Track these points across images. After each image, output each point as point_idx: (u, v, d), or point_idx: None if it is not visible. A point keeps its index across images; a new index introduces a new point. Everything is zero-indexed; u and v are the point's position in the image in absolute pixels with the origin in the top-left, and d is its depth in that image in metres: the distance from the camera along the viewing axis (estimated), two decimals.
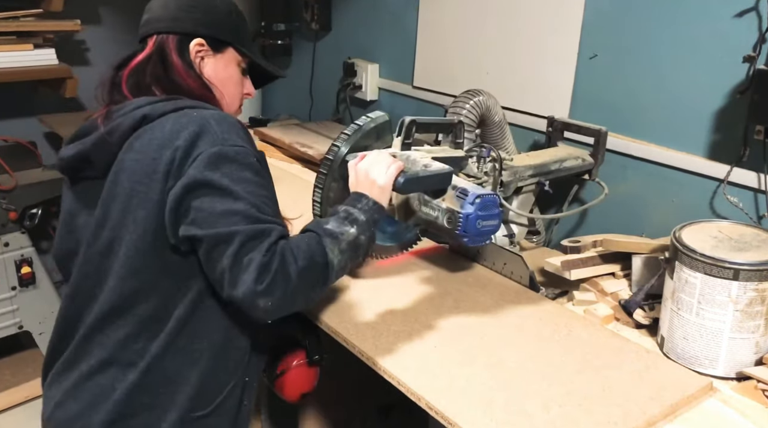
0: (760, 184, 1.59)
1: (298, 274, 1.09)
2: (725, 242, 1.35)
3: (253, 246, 1.08)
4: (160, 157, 1.14)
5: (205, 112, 1.19)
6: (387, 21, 2.59)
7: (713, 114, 1.67)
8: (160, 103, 1.22)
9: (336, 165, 1.46)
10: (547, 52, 2.02)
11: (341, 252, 1.15)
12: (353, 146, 1.47)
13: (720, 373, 1.32)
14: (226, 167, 1.12)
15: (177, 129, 1.15)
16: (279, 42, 2.98)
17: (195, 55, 1.29)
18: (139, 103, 1.22)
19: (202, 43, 1.29)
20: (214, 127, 1.15)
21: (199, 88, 1.28)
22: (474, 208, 1.28)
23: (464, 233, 1.28)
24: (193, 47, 1.28)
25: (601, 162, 1.86)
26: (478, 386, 1.23)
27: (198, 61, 1.29)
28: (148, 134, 1.18)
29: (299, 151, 2.41)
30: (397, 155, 1.36)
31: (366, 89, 2.67)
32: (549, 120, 1.95)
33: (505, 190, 1.69)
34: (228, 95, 1.34)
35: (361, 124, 1.51)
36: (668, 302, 1.37)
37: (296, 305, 1.14)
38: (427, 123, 1.48)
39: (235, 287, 1.07)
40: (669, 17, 1.72)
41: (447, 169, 1.33)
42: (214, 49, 1.31)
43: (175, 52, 1.27)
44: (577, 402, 1.20)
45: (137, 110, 1.20)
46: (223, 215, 1.10)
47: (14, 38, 2.58)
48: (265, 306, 1.08)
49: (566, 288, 1.62)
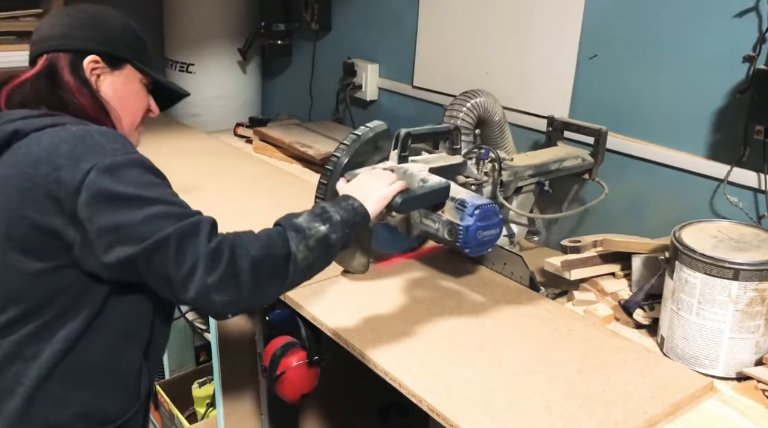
0: (760, 183, 1.59)
1: (252, 264, 1.05)
2: (725, 242, 1.35)
3: (190, 241, 1.03)
4: (37, 173, 1.06)
5: (87, 127, 1.13)
6: (387, 21, 2.59)
7: (713, 114, 1.67)
8: (35, 117, 1.15)
9: (336, 175, 1.46)
10: (547, 52, 2.02)
11: (308, 249, 1.10)
12: (353, 155, 1.47)
13: (720, 373, 1.32)
14: (126, 176, 1.06)
15: (56, 143, 1.09)
16: (279, 42, 2.98)
17: (90, 72, 1.22)
18: (12, 116, 1.16)
19: (96, 59, 1.22)
20: (98, 138, 1.10)
21: (91, 107, 1.21)
22: (474, 219, 1.27)
23: (465, 244, 1.27)
24: (88, 64, 1.22)
25: (601, 161, 1.86)
26: (479, 387, 1.23)
27: (94, 78, 1.23)
28: (22, 149, 1.11)
29: (299, 151, 2.41)
30: (394, 169, 1.35)
31: (366, 89, 2.67)
32: (549, 119, 1.95)
33: (505, 190, 1.69)
34: (129, 113, 1.28)
35: (360, 133, 1.51)
36: (668, 302, 1.37)
37: (254, 298, 1.07)
38: (423, 133, 1.48)
39: (186, 289, 1.02)
40: (669, 17, 1.72)
41: (444, 184, 1.32)
42: (111, 66, 1.24)
43: (68, 69, 1.21)
44: (578, 403, 1.20)
45: (8, 124, 1.13)
46: (145, 223, 1.03)
47: (14, 38, 2.58)
48: (221, 300, 1.03)
49: (566, 288, 1.63)
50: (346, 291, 1.56)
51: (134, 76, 1.28)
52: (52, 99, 1.20)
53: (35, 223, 1.06)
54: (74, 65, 1.21)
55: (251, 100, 3.14)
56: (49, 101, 1.19)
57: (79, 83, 1.21)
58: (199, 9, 2.90)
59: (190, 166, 2.33)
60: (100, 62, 1.23)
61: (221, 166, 2.39)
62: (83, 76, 1.22)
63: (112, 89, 1.25)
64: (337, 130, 2.64)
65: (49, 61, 1.21)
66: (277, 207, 2.04)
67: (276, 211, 2.01)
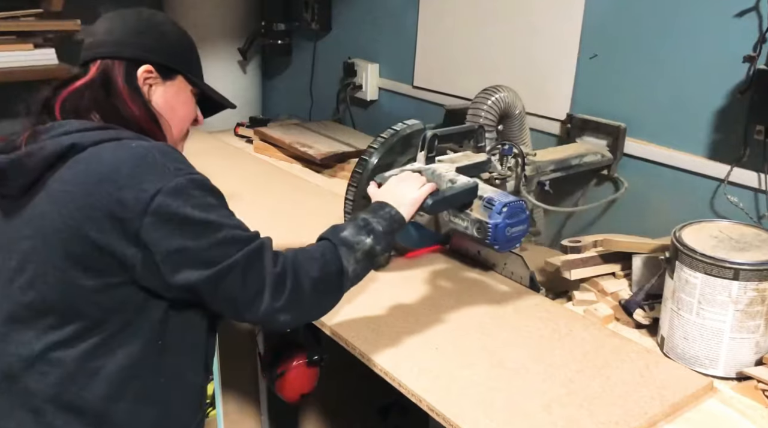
0: (760, 183, 1.59)
1: (313, 285, 1.09)
2: (725, 242, 1.34)
3: (256, 266, 1.06)
4: (98, 191, 1.04)
5: (146, 144, 1.11)
6: (387, 21, 2.59)
7: (713, 114, 1.67)
8: (93, 130, 1.13)
9: (367, 173, 1.50)
10: (547, 52, 2.02)
11: (356, 262, 1.15)
12: (383, 155, 1.54)
13: (720, 373, 1.32)
14: (190, 198, 1.06)
15: (117, 161, 1.07)
16: (279, 42, 2.98)
17: (143, 82, 1.21)
18: (69, 127, 1.13)
19: (150, 69, 1.21)
20: (160, 159, 1.08)
21: (143, 116, 1.20)
22: (502, 216, 1.30)
23: (494, 241, 1.30)
24: (141, 74, 1.20)
25: (619, 158, 1.87)
26: (479, 387, 1.23)
27: (146, 88, 1.22)
28: (82, 165, 1.08)
29: (299, 151, 2.41)
30: (422, 170, 1.37)
31: (366, 89, 2.67)
32: (568, 116, 1.97)
33: (528, 185, 1.71)
34: (178, 123, 1.27)
35: (398, 129, 1.55)
36: (668, 302, 1.37)
37: (313, 315, 1.15)
38: (449, 134, 1.51)
39: (252, 311, 1.07)
40: (669, 17, 1.72)
41: (472, 184, 1.35)
42: (164, 77, 1.23)
43: (122, 77, 1.19)
44: (578, 403, 1.20)
45: (65, 136, 1.11)
46: (213, 248, 1.05)
47: (14, 38, 2.57)
48: (284, 320, 1.08)
49: (566, 288, 1.62)
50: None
51: (185, 87, 1.27)
52: (105, 107, 1.17)
53: (95, 242, 1.05)
54: (129, 74, 1.20)
55: (251, 100, 3.14)
56: (103, 109, 1.17)
57: (133, 92, 1.19)
58: (199, 9, 2.90)
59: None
60: (153, 72, 1.21)
61: (221, 166, 2.39)
62: (136, 84, 1.20)
63: (163, 100, 1.24)
64: (337, 130, 2.64)
65: (104, 67, 1.19)
66: (277, 207, 2.05)
67: (276, 211, 2.02)
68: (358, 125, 2.77)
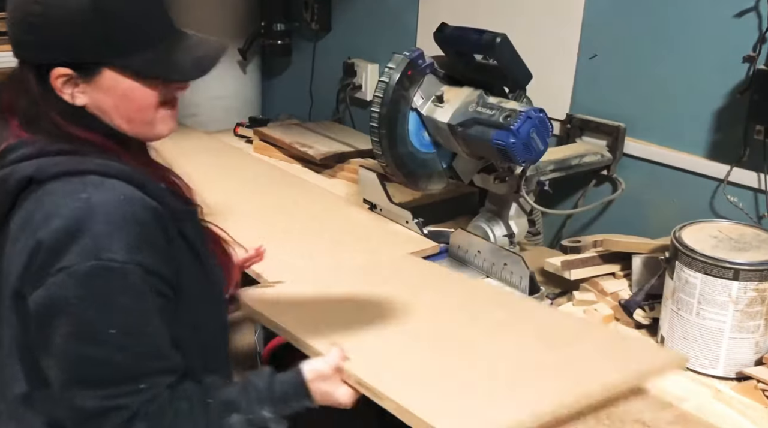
0: (760, 183, 1.59)
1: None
2: (725, 242, 1.35)
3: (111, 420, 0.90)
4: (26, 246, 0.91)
5: (101, 197, 0.91)
6: (387, 21, 2.58)
7: (713, 114, 1.67)
8: (52, 157, 0.94)
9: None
10: (546, 52, 2.02)
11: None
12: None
13: (720, 373, 1.32)
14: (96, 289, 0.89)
15: (52, 212, 0.91)
16: (279, 42, 2.98)
17: (63, 90, 0.95)
18: (28, 151, 0.94)
19: (63, 74, 0.93)
20: (97, 227, 0.89)
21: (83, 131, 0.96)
22: (536, 114, 1.33)
23: (517, 132, 1.29)
24: (56, 82, 0.94)
25: (619, 158, 1.87)
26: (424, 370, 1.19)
27: (70, 96, 0.96)
28: (31, 204, 0.93)
29: (299, 151, 2.41)
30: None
31: (366, 89, 2.67)
32: (567, 116, 1.97)
33: (528, 185, 1.70)
34: (133, 112, 0.99)
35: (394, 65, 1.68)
36: (668, 302, 1.37)
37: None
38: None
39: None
40: (669, 17, 1.72)
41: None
42: (84, 75, 0.95)
43: (39, 89, 0.95)
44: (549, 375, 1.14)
45: (25, 163, 0.94)
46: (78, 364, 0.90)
47: None
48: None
49: (566, 288, 1.63)
50: (342, 290, 1.54)
51: (119, 77, 0.97)
52: (43, 126, 0.96)
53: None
54: (42, 83, 0.95)
55: (251, 100, 3.14)
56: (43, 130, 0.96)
57: (57, 105, 0.95)
58: (199, 9, 2.90)
59: (190, 167, 2.30)
60: (70, 73, 0.94)
61: (221, 167, 2.38)
62: (57, 95, 0.95)
63: (93, 102, 0.97)
64: (337, 130, 2.64)
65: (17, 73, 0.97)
66: (277, 207, 2.05)
67: (276, 211, 2.02)
68: (358, 125, 2.77)
